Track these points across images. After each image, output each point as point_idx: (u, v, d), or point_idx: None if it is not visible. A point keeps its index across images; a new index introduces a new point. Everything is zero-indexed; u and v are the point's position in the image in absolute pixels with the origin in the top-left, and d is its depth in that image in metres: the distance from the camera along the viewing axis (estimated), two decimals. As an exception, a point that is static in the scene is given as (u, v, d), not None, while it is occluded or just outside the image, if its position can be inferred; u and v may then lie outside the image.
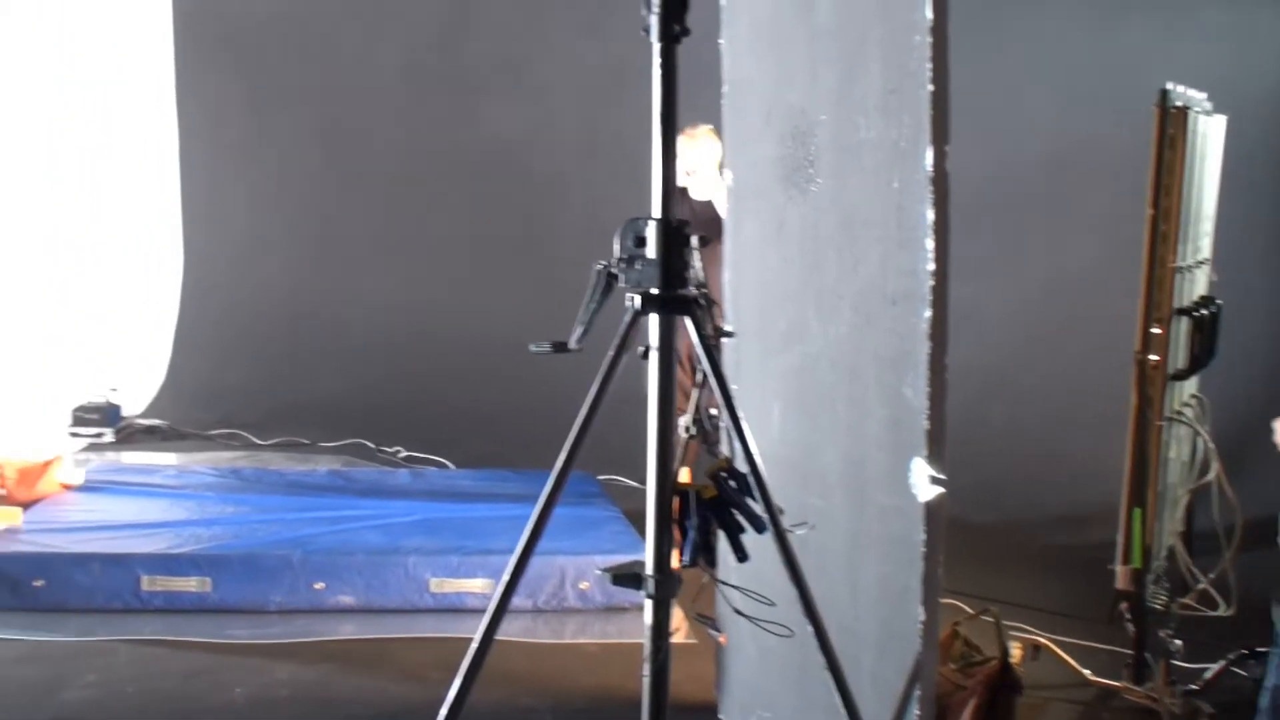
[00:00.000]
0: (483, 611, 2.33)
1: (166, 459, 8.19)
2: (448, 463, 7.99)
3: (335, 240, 8.86)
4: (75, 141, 9.76)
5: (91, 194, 9.76)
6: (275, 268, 9.49)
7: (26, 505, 5.55)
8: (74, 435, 8.54)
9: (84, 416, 8.63)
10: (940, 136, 2.62)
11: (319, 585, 5.03)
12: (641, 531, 2.50)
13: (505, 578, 2.32)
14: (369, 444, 8.54)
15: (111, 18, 9.93)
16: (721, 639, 3.85)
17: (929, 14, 2.60)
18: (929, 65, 2.61)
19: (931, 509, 2.71)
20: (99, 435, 8.58)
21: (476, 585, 5.06)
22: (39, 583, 4.84)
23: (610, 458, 4.57)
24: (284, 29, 9.10)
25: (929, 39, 2.61)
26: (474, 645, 2.31)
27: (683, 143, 5.50)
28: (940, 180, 2.63)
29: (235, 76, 9.43)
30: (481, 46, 8.11)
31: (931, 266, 2.65)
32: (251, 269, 9.61)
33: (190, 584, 4.94)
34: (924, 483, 2.71)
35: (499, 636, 2.33)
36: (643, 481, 2.43)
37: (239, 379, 9.39)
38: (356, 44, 9.07)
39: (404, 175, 8.47)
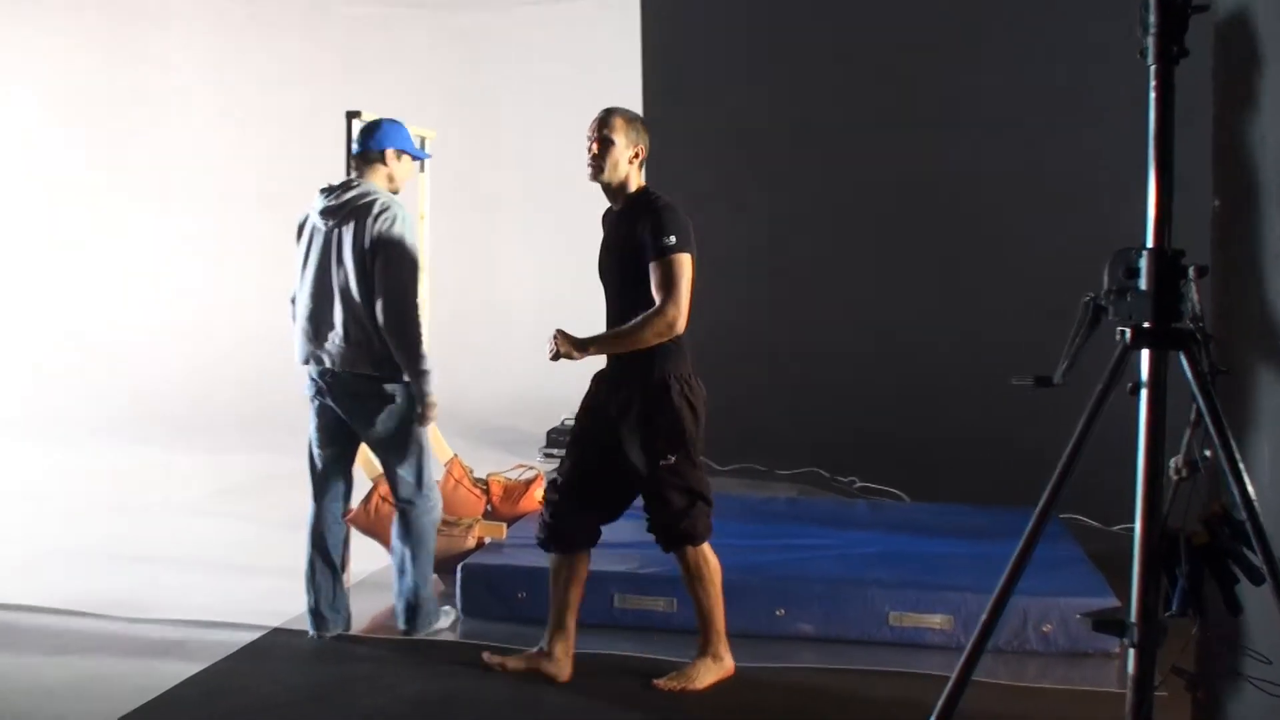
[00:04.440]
0: (941, 648, 2.30)
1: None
2: (902, 495, 7.94)
3: (793, 269, 8.98)
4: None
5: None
6: (738, 294, 9.74)
7: (510, 521, 5.94)
8: (548, 456, 9.09)
9: (558, 439, 9.18)
10: None
11: (779, 612, 5.11)
12: (1107, 574, 2.40)
13: (985, 617, 2.28)
14: (823, 473, 8.60)
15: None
16: (1200, 695, 3.62)
17: None
18: None
19: None
20: (570, 456, 9.09)
21: (935, 621, 4.98)
22: (522, 595, 5.17)
23: (1070, 495, 4.39)
24: (746, 69, 9.34)
25: None
26: (950, 684, 2.28)
27: None
28: None
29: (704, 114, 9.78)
30: (937, 77, 8.03)
31: None
32: (713, 295, 9.88)
33: (658, 604, 5.15)
34: None
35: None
36: (1106, 522, 2.33)
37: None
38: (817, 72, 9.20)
39: (862, 206, 8.49)
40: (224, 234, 11.65)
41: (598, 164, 4.44)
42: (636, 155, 4.46)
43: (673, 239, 4.27)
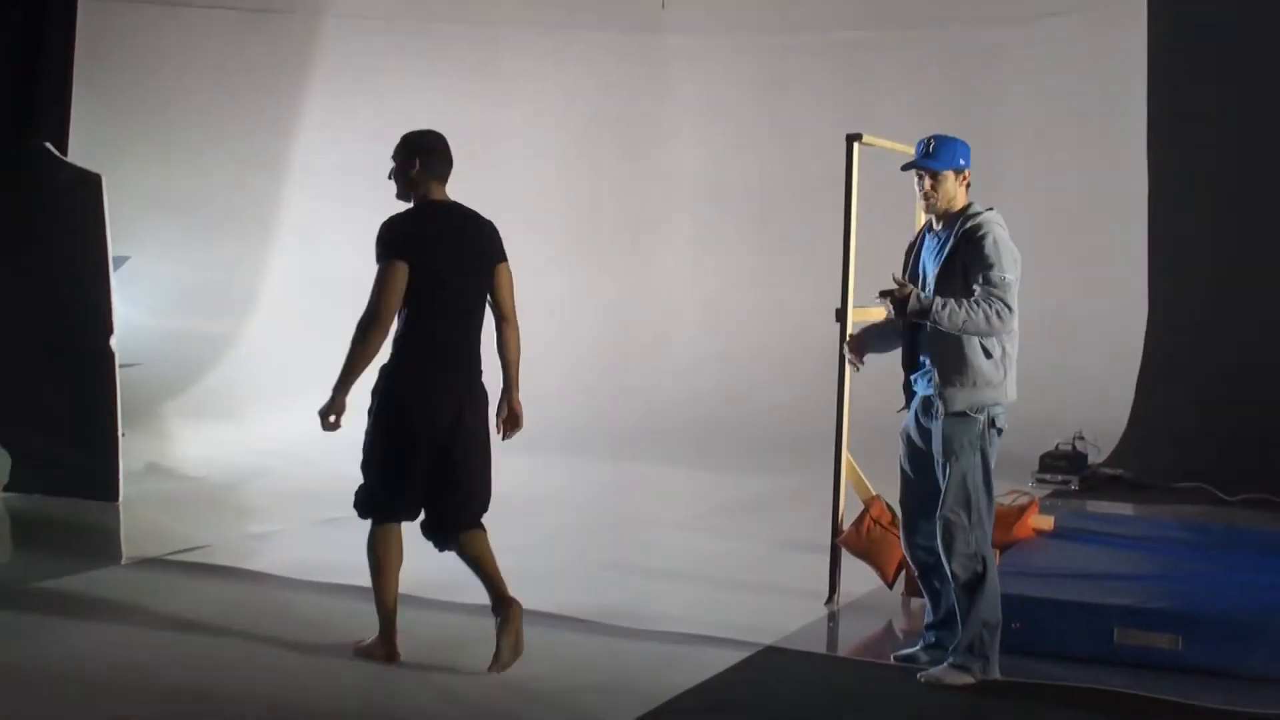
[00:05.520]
0: None
1: (1130, 510, 8.18)
2: None
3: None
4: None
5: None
6: (1246, 308, 9.13)
7: (1003, 548, 5.79)
8: (1041, 481, 8.83)
9: (1052, 463, 8.90)
10: None
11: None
12: None
13: None
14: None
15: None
16: None
17: None
18: None
19: None
20: (1065, 482, 8.79)
21: None
22: (1016, 625, 5.03)
23: None
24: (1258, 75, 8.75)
25: None
26: None
27: None
28: None
29: (1214, 110, 9.26)
30: None
31: None
32: (1219, 309, 9.30)
33: (1163, 640, 4.86)
34: None
35: None
36: None
37: (1204, 428, 9.10)
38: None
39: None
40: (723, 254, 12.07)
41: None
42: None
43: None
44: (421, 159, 4.83)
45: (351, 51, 11.76)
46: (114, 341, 7.68)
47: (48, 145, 8.20)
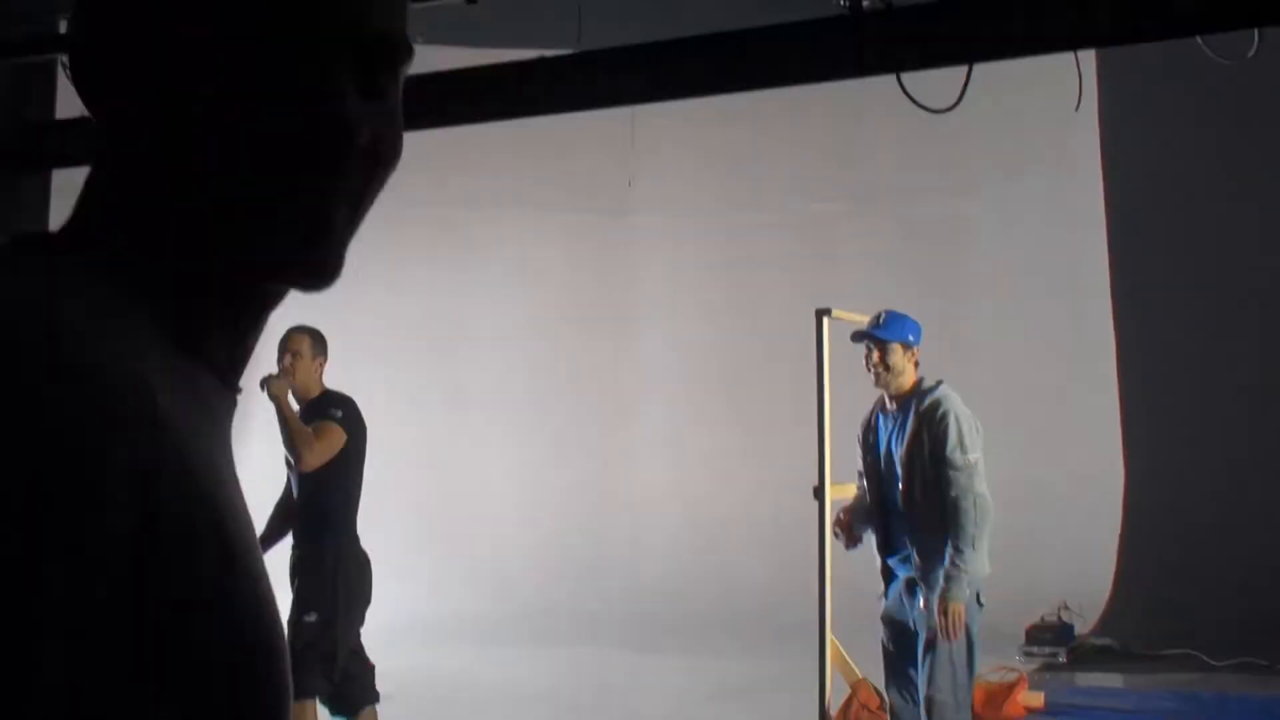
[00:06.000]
0: None
1: (1120, 681, 8.01)
2: None
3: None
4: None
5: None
6: (1222, 467, 9.10)
7: (993, 728, 5.64)
8: (1029, 654, 8.61)
9: (1038, 635, 8.70)
10: None
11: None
12: None
13: None
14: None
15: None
16: None
17: None
18: None
19: None
20: (1053, 655, 8.58)
21: None
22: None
23: None
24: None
25: None
26: None
27: None
28: None
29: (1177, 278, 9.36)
30: None
31: None
32: (1195, 468, 9.27)
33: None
34: None
35: None
36: None
37: (1188, 590, 8.99)
38: None
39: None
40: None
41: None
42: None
43: None
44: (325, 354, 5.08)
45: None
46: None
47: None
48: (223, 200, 0.80)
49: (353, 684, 4.91)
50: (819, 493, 5.56)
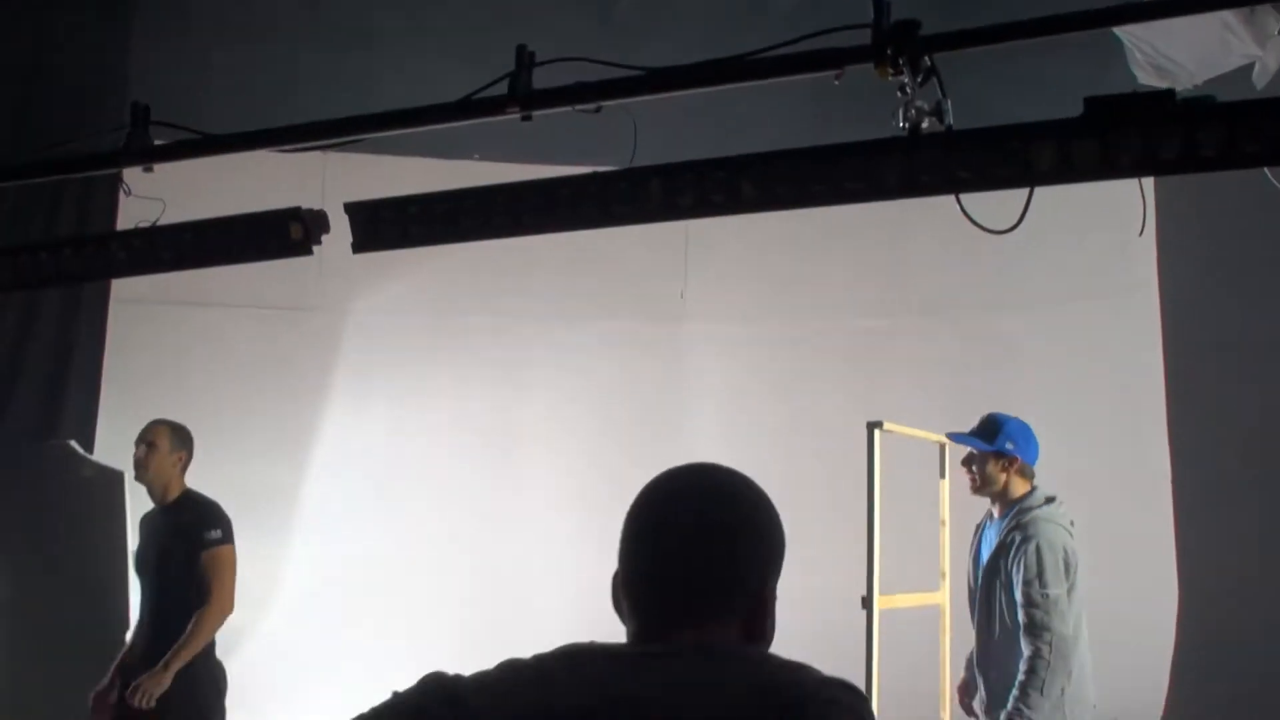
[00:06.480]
0: None
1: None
2: None
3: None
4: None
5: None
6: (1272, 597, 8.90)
7: None
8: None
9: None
10: None
11: None
12: None
13: None
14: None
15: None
16: None
17: None
18: None
19: None
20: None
21: None
22: None
23: None
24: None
25: None
26: None
27: None
28: None
29: (1232, 386, 9.26)
30: None
31: None
32: (1252, 597, 9.07)
33: None
34: None
35: None
36: None
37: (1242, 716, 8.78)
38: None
39: None
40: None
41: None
42: None
43: None
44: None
45: (372, 345, 11.95)
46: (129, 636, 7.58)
47: (72, 443, 8.26)
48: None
49: None
50: (866, 602, 5.53)
